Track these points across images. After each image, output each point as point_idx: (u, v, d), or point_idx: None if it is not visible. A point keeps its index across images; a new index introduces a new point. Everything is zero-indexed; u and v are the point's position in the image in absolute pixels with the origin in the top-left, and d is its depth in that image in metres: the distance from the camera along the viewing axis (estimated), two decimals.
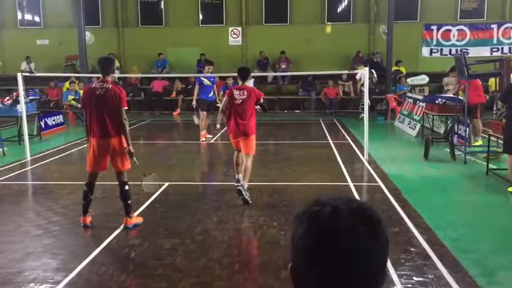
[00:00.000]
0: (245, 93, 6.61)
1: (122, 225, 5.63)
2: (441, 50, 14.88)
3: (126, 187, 5.67)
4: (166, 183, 7.41)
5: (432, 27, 14.95)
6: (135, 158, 5.74)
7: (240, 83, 6.89)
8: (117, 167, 5.61)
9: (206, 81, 11.88)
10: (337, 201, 1.06)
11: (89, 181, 5.69)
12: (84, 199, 5.69)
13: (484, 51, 14.50)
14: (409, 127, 13.04)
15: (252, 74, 17.91)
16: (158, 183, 6.33)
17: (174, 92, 18.24)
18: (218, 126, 10.22)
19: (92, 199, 5.74)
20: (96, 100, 5.45)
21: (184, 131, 15.10)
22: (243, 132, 6.56)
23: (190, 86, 16.53)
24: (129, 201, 5.67)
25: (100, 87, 5.50)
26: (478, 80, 10.30)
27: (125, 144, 5.58)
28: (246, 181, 6.49)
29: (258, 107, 6.91)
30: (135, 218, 5.75)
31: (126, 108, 5.61)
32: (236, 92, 6.67)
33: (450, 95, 11.54)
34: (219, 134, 12.11)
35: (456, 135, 9.97)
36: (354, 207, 1.05)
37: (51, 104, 16.12)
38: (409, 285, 4.10)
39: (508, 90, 7.27)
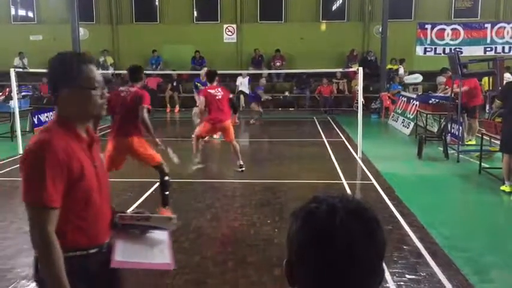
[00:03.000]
0: (220, 90, 8.04)
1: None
2: (435, 49, 14.94)
3: (166, 178, 5.67)
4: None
5: (426, 26, 15.01)
6: (169, 150, 5.89)
7: (212, 84, 8.21)
8: (149, 162, 5.64)
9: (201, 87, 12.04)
10: (334, 200, 1.06)
11: None
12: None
13: (478, 51, 14.58)
14: (403, 126, 13.09)
15: (246, 72, 17.98)
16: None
17: (169, 90, 18.19)
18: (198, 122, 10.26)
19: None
20: (120, 102, 5.51)
21: (179, 128, 15.07)
22: (222, 119, 7.89)
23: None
24: (167, 193, 5.71)
25: (125, 90, 5.61)
26: (477, 80, 10.38)
27: (155, 142, 5.66)
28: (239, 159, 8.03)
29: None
30: (168, 212, 5.62)
31: (148, 107, 5.55)
32: (213, 91, 7.96)
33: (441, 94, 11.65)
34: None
35: (449, 134, 10.02)
36: (351, 207, 1.04)
37: (44, 100, 16.01)
38: (402, 283, 4.12)
39: (506, 89, 7.28)
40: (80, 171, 1.99)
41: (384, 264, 1.07)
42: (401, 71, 17.48)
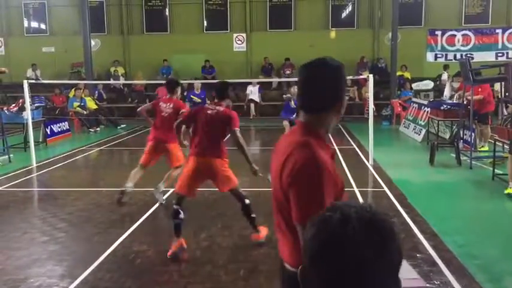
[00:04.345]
0: (171, 106, 6.62)
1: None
2: (446, 55, 14.86)
3: (247, 201, 5.23)
4: (171, 189, 7.40)
5: (437, 32, 14.95)
6: (260, 174, 5.34)
7: (168, 96, 6.80)
8: (225, 188, 5.23)
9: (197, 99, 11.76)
10: (350, 209, 1.05)
11: (178, 199, 5.12)
12: (174, 218, 5.11)
13: (489, 56, 14.47)
14: (414, 132, 13.01)
15: (256, 80, 18.01)
16: None
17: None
18: None
19: (183, 219, 5.08)
20: (206, 120, 5.13)
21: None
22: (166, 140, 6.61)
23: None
24: (253, 215, 5.27)
25: (212, 108, 5.24)
26: (489, 86, 10.30)
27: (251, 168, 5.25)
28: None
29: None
30: (263, 229, 5.34)
31: (238, 129, 5.15)
32: (162, 105, 6.66)
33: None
34: None
35: (462, 141, 9.94)
36: (365, 217, 1.03)
37: (57, 111, 16.19)
38: None
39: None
40: (342, 185, 1.91)
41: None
42: (444, 76, 17.02)
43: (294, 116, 10.73)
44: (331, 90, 1.95)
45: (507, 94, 9.03)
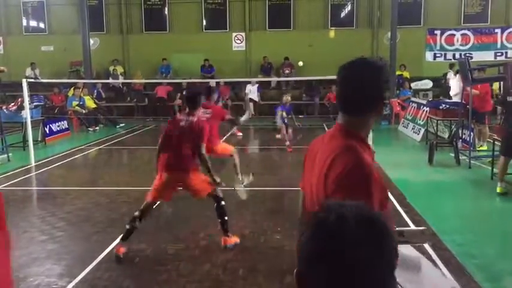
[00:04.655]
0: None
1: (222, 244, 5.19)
2: (445, 54, 14.87)
3: (222, 202, 5.16)
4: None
5: (436, 31, 14.95)
6: (223, 184, 5.35)
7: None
8: (202, 195, 5.16)
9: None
10: (344, 208, 1.04)
11: (145, 209, 5.02)
12: (129, 223, 4.96)
13: (488, 56, 14.48)
14: (413, 132, 13.01)
15: (255, 80, 17.99)
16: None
17: (178, 98, 18.29)
18: None
19: (138, 228, 4.97)
20: (179, 133, 5.03)
21: None
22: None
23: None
24: (226, 218, 5.17)
25: (185, 119, 5.12)
26: (488, 85, 10.31)
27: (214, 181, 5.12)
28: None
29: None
30: (235, 238, 5.27)
31: (204, 144, 5.05)
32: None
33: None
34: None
35: (461, 140, 9.94)
36: (360, 215, 1.03)
37: (56, 110, 16.18)
38: None
39: (504, 94, 7.35)
40: (387, 190, 1.85)
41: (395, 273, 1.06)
42: (450, 75, 16.76)
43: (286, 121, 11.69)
44: (374, 91, 1.89)
45: (500, 95, 9.06)
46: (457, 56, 14.30)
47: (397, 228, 1.94)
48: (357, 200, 1.67)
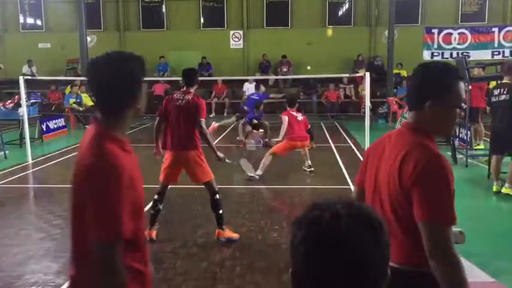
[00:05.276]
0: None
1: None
2: (442, 53, 14.86)
3: (217, 196, 5.22)
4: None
5: (433, 30, 14.94)
6: (227, 160, 5.55)
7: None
8: (199, 180, 5.24)
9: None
10: (336, 206, 1.04)
11: (161, 191, 5.29)
12: (153, 208, 5.23)
13: (486, 55, 14.49)
14: None
15: (253, 78, 17.97)
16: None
17: None
18: None
19: (161, 209, 5.29)
20: (175, 111, 5.10)
21: None
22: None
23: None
24: (221, 211, 5.24)
25: (181, 98, 5.16)
26: (487, 84, 10.33)
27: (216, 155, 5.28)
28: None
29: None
30: (229, 232, 5.30)
31: (204, 119, 5.13)
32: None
33: None
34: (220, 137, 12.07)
35: (457, 139, 9.96)
36: (354, 212, 1.03)
37: (53, 108, 16.13)
38: None
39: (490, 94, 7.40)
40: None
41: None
42: None
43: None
44: (440, 90, 1.94)
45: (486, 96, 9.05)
46: (455, 54, 14.30)
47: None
48: (438, 192, 1.77)
